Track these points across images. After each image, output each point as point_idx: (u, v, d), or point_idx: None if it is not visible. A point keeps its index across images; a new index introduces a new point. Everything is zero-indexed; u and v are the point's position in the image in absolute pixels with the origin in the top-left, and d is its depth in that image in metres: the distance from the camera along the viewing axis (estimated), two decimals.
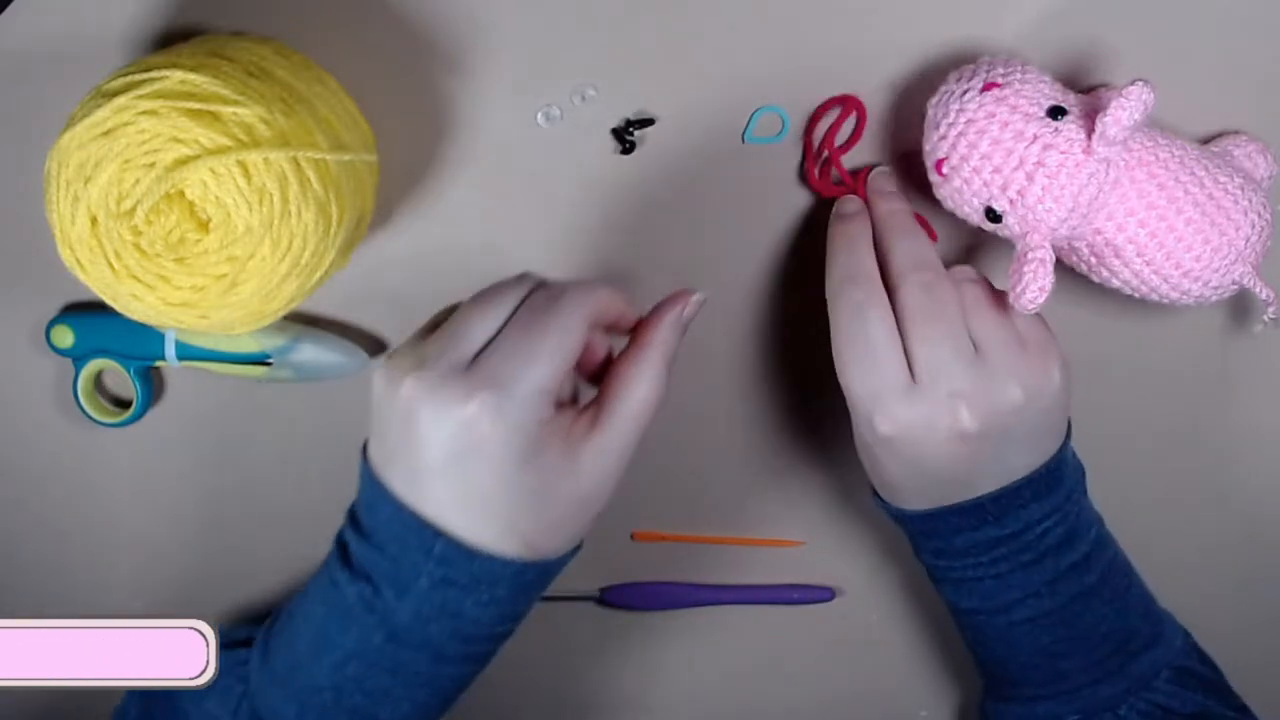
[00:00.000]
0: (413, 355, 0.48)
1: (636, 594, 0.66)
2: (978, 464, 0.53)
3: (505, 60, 0.60)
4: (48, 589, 0.66)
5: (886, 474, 0.55)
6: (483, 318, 0.48)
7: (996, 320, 0.54)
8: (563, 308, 0.48)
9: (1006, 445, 0.53)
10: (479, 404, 0.45)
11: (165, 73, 0.50)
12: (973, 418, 0.52)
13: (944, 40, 0.61)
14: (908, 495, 0.56)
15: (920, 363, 0.52)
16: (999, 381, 0.53)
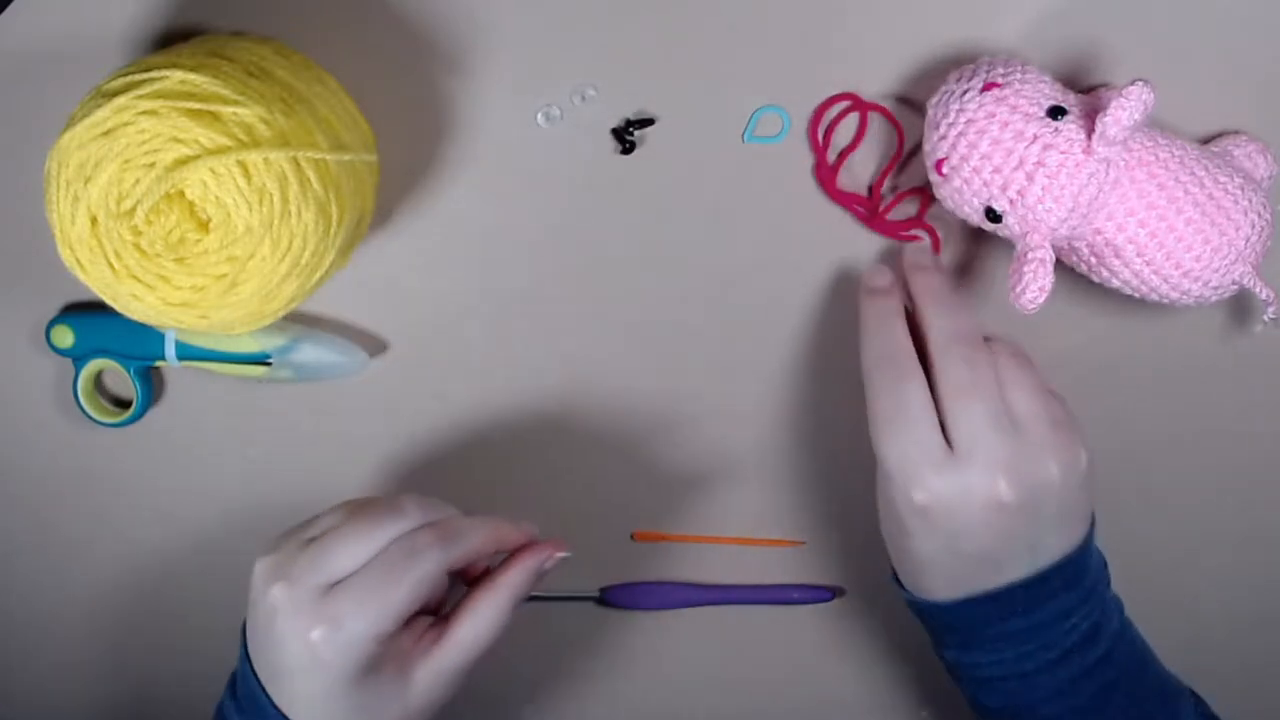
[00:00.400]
0: (287, 561, 0.52)
1: (636, 594, 0.66)
2: (1011, 540, 0.53)
3: (505, 60, 0.60)
4: (48, 589, 0.66)
5: (917, 552, 0.55)
6: (350, 549, 0.51)
7: (1032, 396, 0.55)
8: (423, 562, 0.52)
9: (1039, 523, 0.54)
10: (321, 633, 0.50)
11: (165, 73, 0.50)
12: (1010, 488, 0.52)
13: (944, 40, 0.61)
14: (935, 578, 0.55)
15: (959, 433, 0.53)
16: (1036, 455, 0.54)
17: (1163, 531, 0.67)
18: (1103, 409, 0.66)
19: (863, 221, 0.63)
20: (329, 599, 0.51)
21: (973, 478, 0.53)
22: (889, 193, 0.62)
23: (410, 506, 0.53)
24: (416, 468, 0.65)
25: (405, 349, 0.64)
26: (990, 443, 0.53)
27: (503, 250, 0.63)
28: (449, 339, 0.64)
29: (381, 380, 0.64)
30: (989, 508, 0.53)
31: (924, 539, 0.54)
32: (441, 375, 0.64)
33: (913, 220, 0.63)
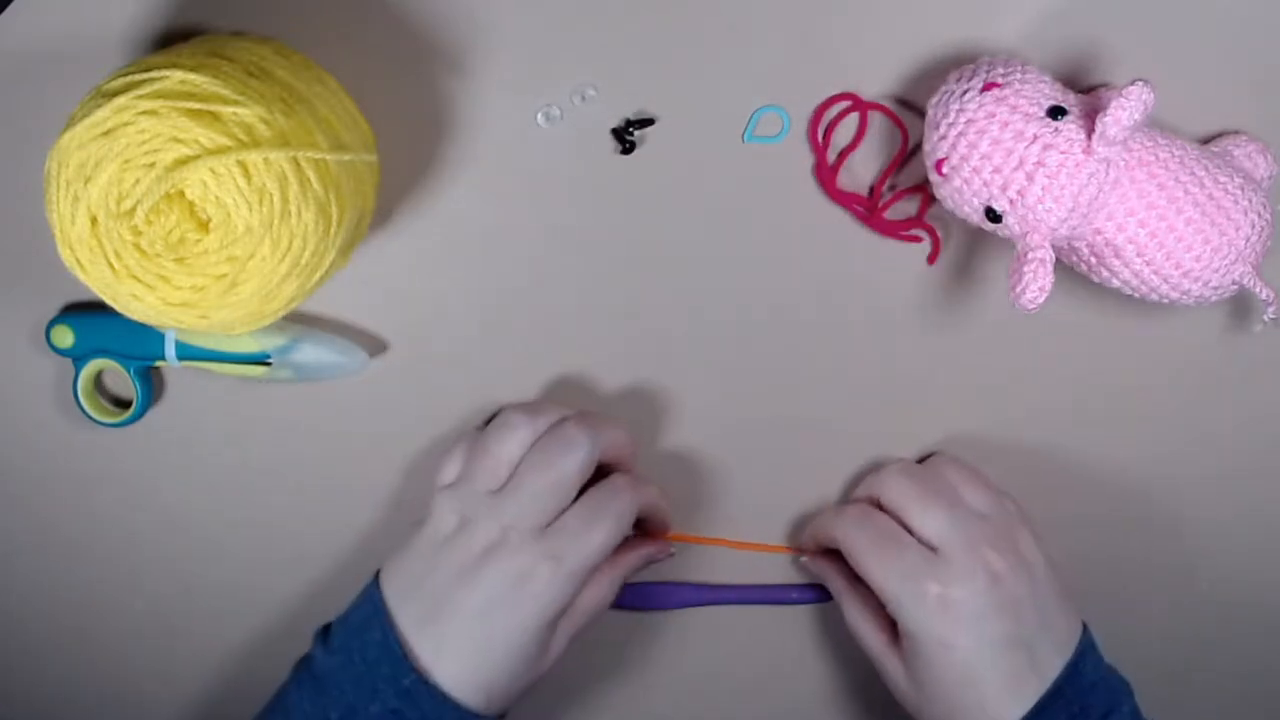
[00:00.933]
0: (491, 506, 0.56)
1: (636, 594, 0.66)
2: (1022, 613, 0.56)
3: (505, 60, 0.60)
4: (48, 589, 0.66)
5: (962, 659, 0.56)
6: (554, 497, 0.56)
7: (979, 485, 0.61)
8: (624, 501, 0.58)
9: (1036, 593, 0.57)
10: (547, 570, 0.55)
11: (165, 73, 0.49)
12: (998, 556, 0.56)
13: (944, 40, 0.61)
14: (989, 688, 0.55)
15: (936, 534, 0.58)
16: (1008, 529, 0.58)
17: (1163, 531, 0.67)
18: (1103, 409, 0.66)
19: (863, 221, 0.63)
20: (548, 537, 0.55)
21: (965, 559, 0.56)
22: (889, 193, 0.62)
23: (577, 434, 0.57)
24: (416, 468, 0.65)
25: (405, 349, 0.64)
26: (964, 528, 0.57)
27: (503, 250, 0.63)
28: (449, 339, 0.64)
29: (381, 380, 0.64)
30: (992, 583, 0.56)
31: (961, 637, 0.55)
32: (441, 375, 0.64)
33: (913, 220, 0.63)
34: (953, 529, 0.57)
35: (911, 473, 0.61)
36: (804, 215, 0.63)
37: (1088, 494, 0.67)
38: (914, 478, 0.60)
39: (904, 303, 0.64)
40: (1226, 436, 0.66)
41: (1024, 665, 0.56)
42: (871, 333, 0.64)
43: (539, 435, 0.58)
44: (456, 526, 0.56)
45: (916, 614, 0.56)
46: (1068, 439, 0.66)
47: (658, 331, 0.64)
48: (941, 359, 0.65)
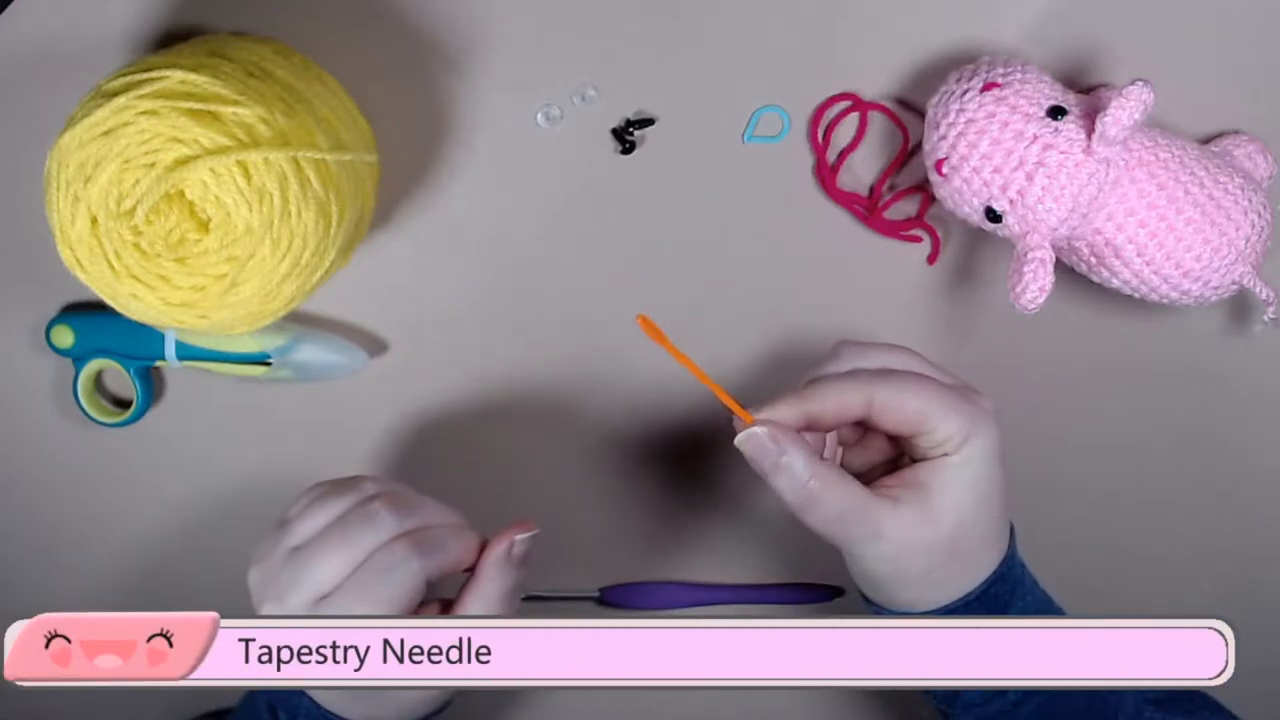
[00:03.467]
0: (273, 576, 0.53)
1: (636, 594, 0.66)
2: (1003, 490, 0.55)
3: (505, 60, 0.60)
4: (48, 589, 0.66)
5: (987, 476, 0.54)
6: (332, 563, 0.52)
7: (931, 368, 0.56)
8: (402, 575, 0.52)
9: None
10: None
11: (165, 73, 0.49)
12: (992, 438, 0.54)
13: (944, 40, 0.61)
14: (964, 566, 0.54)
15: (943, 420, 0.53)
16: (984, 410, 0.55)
17: (1163, 531, 0.67)
18: (1103, 409, 0.66)
19: (863, 221, 0.63)
20: (291, 561, 0.52)
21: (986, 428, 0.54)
22: (889, 193, 0.62)
23: (381, 510, 0.53)
24: (416, 467, 0.65)
25: (405, 349, 0.64)
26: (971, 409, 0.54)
27: (503, 250, 0.63)
28: (449, 339, 0.64)
29: (381, 380, 0.64)
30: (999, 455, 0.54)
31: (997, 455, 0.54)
32: (441, 375, 0.64)
33: (913, 220, 0.63)
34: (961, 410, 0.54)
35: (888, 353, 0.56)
36: (804, 215, 0.63)
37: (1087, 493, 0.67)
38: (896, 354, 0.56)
39: (904, 303, 0.64)
40: (1227, 436, 0.66)
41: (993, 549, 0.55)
42: (872, 333, 0.64)
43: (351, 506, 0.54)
44: (253, 586, 0.54)
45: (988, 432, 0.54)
46: (1068, 439, 0.66)
47: None
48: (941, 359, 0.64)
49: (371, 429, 0.64)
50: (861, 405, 0.54)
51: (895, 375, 0.54)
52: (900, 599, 0.55)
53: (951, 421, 0.53)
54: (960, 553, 0.54)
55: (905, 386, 0.54)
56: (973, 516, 0.54)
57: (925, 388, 0.53)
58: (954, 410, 0.53)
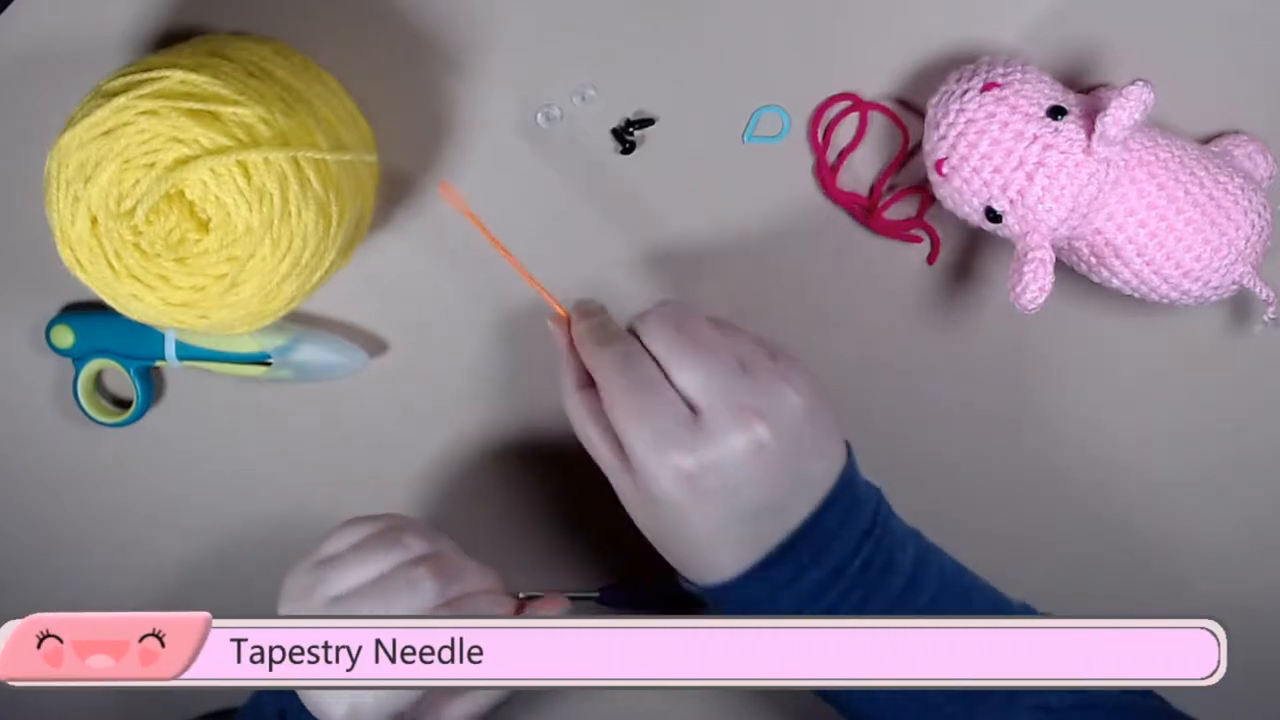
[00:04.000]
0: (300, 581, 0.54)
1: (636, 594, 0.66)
2: (783, 478, 0.51)
3: (505, 60, 0.60)
4: (47, 589, 0.66)
5: (700, 530, 0.51)
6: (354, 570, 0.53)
7: (742, 336, 0.53)
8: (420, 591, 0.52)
9: (799, 452, 0.51)
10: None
11: (165, 73, 0.50)
12: (764, 425, 0.50)
13: (944, 40, 0.61)
14: (723, 551, 0.52)
15: (696, 391, 0.51)
16: (773, 386, 0.51)
17: (1162, 531, 0.67)
18: (1103, 409, 0.66)
19: (862, 221, 0.63)
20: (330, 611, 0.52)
21: (725, 426, 0.50)
22: (889, 193, 0.62)
23: (426, 580, 0.53)
24: (416, 468, 0.65)
25: (405, 349, 0.64)
26: (729, 388, 0.50)
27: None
28: (449, 339, 0.64)
29: (381, 380, 0.64)
30: (754, 453, 0.50)
31: (702, 512, 0.51)
32: (441, 375, 0.64)
33: (912, 220, 0.63)
34: (716, 388, 0.50)
35: (675, 316, 0.53)
36: (804, 215, 0.63)
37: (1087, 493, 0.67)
38: (677, 322, 0.52)
39: (904, 303, 0.64)
40: (1226, 436, 0.66)
41: (767, 526, 0.52)
42: (871, 333, 0.64)
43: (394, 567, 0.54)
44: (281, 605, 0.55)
45: (660, 481, 0.50)
46: (1067, 438, 0.66)
47: None
48: (941, 359, 0.65)
49: (371, 429, 0.64)
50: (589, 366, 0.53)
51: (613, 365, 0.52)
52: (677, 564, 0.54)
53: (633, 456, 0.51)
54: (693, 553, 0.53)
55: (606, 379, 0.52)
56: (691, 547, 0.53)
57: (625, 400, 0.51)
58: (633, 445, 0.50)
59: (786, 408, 0.51)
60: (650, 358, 0.52)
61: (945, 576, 0.55)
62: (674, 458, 0.50)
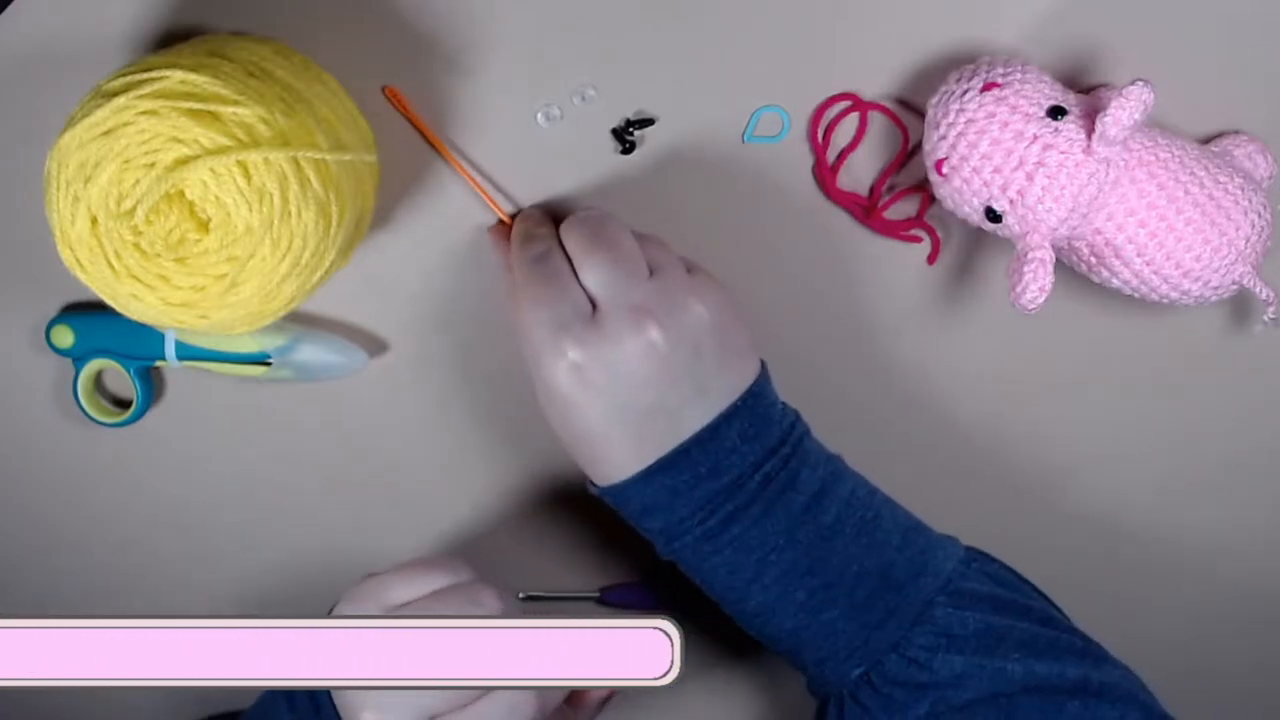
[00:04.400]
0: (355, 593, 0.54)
1: (636, 594, 0.66)
2: (677, 384, 0.53)
3: (505, 60, 0.60)
4: (47, 589, 0.66)
5: (591, 425, 0.53)
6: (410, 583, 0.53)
7: (662, 249, 0.55)
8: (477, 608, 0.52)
9: (701, 364, 0.53)
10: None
11: (165, 73, 0.49)
12: (658, 328, 0.52)
13: (944, 40, 0.61)
14: (617, 449, 0.53)
15: (594, 286, 0.53)
16: (678, 296, 0.53)
17: (1162, 531, 0.67)
18: (1103, 409, 0.66)
19: (862, 221, 0.63)
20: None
21: (618, 324, 0.52)
22: (889, 193, 0.62)
23: (463, 569, 0.54)
24: (416, 468, 0.65)
25: (405, 349, 0.64)
26: (628, 289, 0.53)
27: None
28: (449, 339, 0.64)
29: (381, 380, 0.64)
30: (644, 353, 0.52)
31: (591, 405, 0.53)
32: (441, 375, 0.64)
33: (912, 220, 0.63)
34: (615, 287, 0.53)
35: (594, 219, 0.55)
36: (804, 215, 0.63)
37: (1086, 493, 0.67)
38: (595, 225, 0.55)
39: (904, 303, 0.64)
40: (1226, 436, 0.66)
41: (659, 430, 0.53)
42: (871, 333, 0.64)
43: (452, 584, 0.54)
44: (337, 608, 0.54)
45: (550, 370, 0.53)
46: (1067, 438, 0.66)
47: None
48: (941, 359, 0.65)
49: (371, 429, 0.64)
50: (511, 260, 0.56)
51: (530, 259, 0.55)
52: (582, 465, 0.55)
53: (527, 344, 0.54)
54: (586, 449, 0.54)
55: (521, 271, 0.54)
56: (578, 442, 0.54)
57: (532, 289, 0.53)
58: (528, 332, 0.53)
59: (688, 317, 0.53)
60: (565, 257, 0.54)
61: (854, 500, 0.55)
62: (564, 345, 0.52)
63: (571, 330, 0.52)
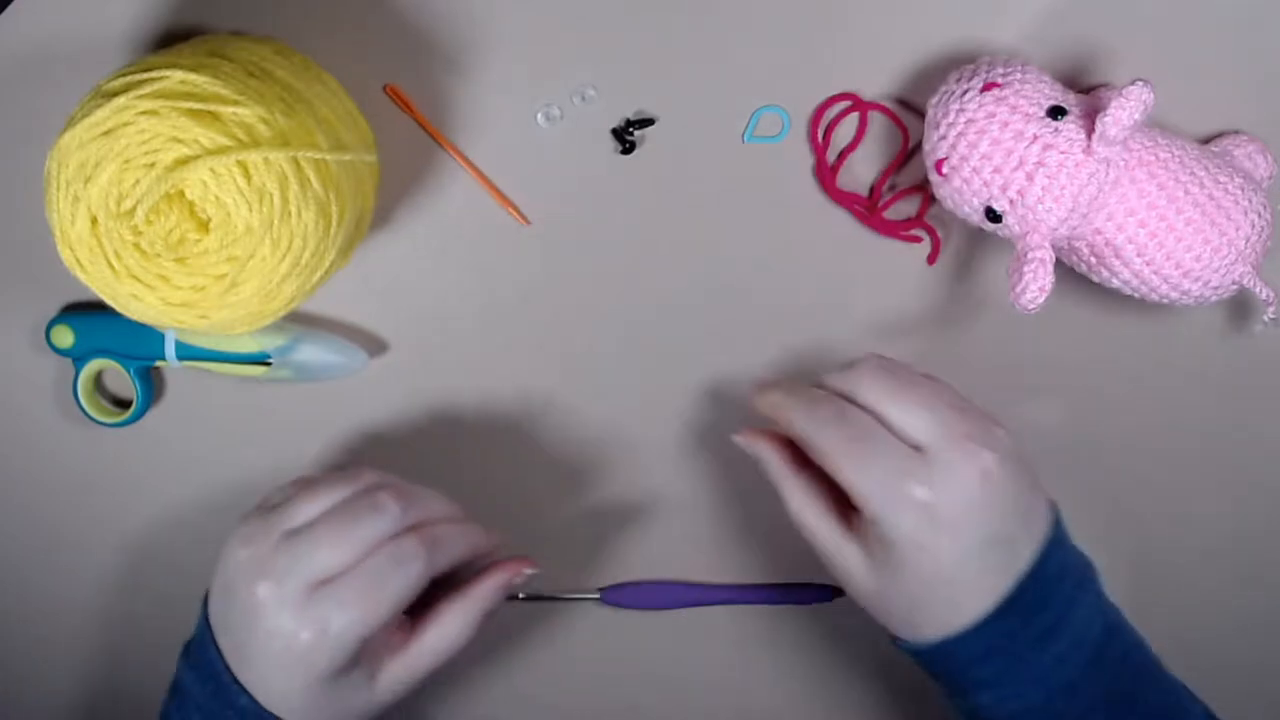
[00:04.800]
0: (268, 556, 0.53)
1: (636, 594, 0.66)
2: (1011, 509, 0.52)
3: (505, 60, 0.60)
4: (47, 589, 0.66)
5: (937, 568, 0.52)
6: (337, 549, 0.52)
7: (941, 382, 0.55)
8: (410, 571, 0.52)
9: (1021, 483, 0.53)
10: (309, 636, 0.51)
11: (165, 73, 0.50)
12: (989, 453, 0.52)
13: (944, 40, 0.61)
14: (962, 590, 0.52)
15: (919, 430, 0.52)
16: (985, 421, 0.53)
17: (1162, 531, 0.67)
18: (1103, 409, 0.66)
19: (863, 221, 0.63)
20: (316, 600, 0.51)
21: (953, 456, 0.51)
22: (889, 193, 0.62)
23: (389, 502, 0.53)
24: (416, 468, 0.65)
25: (405, 349, 0.64)
26: (950, 420, 0.52)
27: (502, 250, 0.63)
28: (449, 339, 0.64)
29: (381, 380, 0.64)
30: (981, 480, 0.51)
31: (941, 546, 0.51)
32: (441, 375, 0.64)
33: (912, 220, 0.63)
34: (938, 424, 0.52)
35: (887, 367, 0.54)
36: (804, 215, 0.63)
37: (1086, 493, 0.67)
38: (890, 371, 0.54)
39: (904, 303, 0.64)
40: (1226, 436, 0.66)
41: (1002, 561, 0.52)
42: (871, 333, 0.64)
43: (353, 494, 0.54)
44: (240, 565, 0.53)
45: (899, 519, 0.51)
46: (1067, 439, 0.66)
47: (657, 330, 0.64)
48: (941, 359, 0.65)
49: (371, 429, 0.64)
50: (794, 435, 0.55)
51: (828, 422, 0.53)
52: (899, 631, 0.55)
53: (868, 501, 0.52)
54: (934, 596, 0.53)
55: (825, 436, 0.52)
56: (931, 589, 0.53)
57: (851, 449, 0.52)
58: (867, 490, 0.51)
59: (1003, 440, 0.53)
60: (857, 409, 0.53)
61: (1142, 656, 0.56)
62: (910, 490, 0.51)
63: (914, 474, 0.51)
